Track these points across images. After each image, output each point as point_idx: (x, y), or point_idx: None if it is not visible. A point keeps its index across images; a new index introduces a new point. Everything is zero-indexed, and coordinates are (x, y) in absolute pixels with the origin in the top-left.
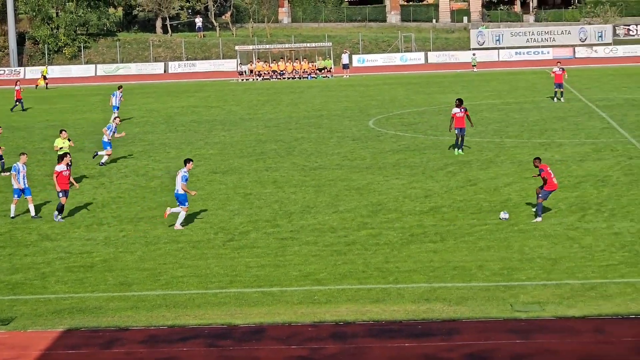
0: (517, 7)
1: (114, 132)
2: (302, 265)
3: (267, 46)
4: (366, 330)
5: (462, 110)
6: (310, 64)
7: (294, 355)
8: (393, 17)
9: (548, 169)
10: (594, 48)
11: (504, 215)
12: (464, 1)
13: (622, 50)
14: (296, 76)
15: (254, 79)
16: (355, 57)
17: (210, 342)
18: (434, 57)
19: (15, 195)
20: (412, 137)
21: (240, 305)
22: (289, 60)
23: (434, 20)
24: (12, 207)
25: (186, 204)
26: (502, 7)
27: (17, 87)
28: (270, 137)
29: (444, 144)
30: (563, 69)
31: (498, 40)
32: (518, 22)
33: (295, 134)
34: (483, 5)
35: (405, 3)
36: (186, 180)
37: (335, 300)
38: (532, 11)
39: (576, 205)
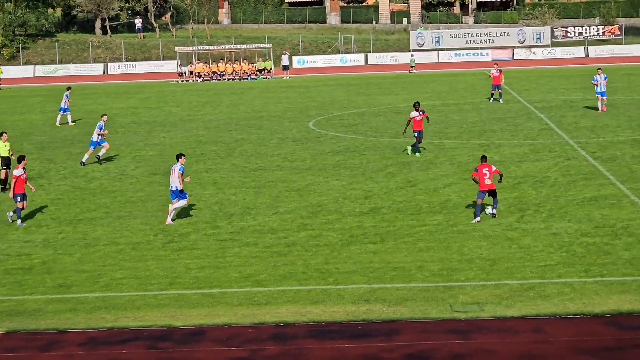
0: (457, 9)
1: (102, 130)
2: (242, 267)
3: (207, 47)
4: (306, 331)
5: (421, 113)
6: (250, 65)
7: (234, 356)
8: (333, 19)
9: (484, 169)
10: (533, 50)
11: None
12: (404, 3)
13: (560, 52)
14: (236, 77)
15: (194, 80)
16: (295, 59)
17: (150, 344)
18: (374, 58)
19: None
20: (352, 138)
21: (180, 307)
22: (229, 62)
23: (373, 22)
24: None
25: (187, 196)
26: (441, 9)
27: None
28: (210, 139)
29: (383, 145)
30: (500, 71)
31: (437, 41)
32: (457, 24)
33: (236, 135)
34: (423, 7)
35: (345, 4)
36: (183, 171)
37: (276, 302)
38: (472, 13)
39: (515, 206)
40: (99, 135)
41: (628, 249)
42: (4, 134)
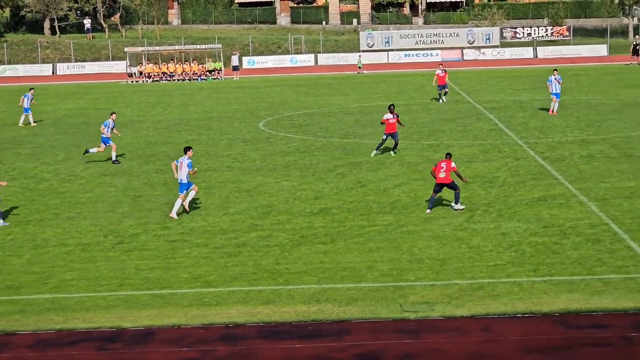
0: (406, 10)
1: (112, 128)
2: (193, 268)
3: (157, 48)
4: (257, 331)
5: (395, 116)
6: (200, 65)
7: (184, 357)
8: (283, 19)
9: (442, 164)
10: (482, 50)
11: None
12: (354, 3)
13: (509, 53)
14: (186, 78)
15: (143, 81)
16: (245, 59)
17: (100, 346)
18: (324, 59)
19: None
20: (302, 139)
21: (129, 308)
22: (179, 62)
23: (323, 23)
24: None
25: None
26: (391, 10)
27: None
28: (160, 139)
29: (333, 145)
30: (445, 71)
31: (387, 42)
32: (407, 25)
33: (186, 136)
34: (372, 8)
35: (295, 5)
36: (191, 166)
37: (226, 302)
38: (421, 13)
39: (464, 206)
40: (104, 131)
41: (576, 248)
42: None
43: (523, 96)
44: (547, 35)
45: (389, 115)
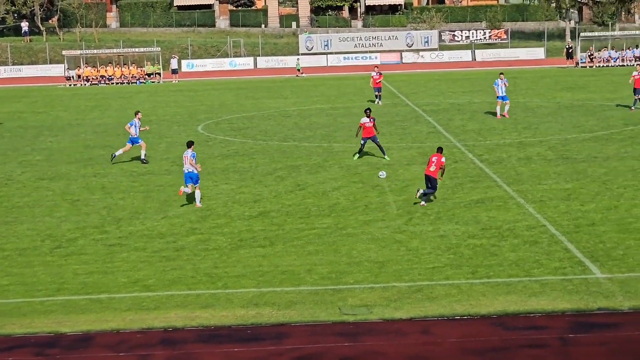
0: (345, 13)
1: (139, 127)
2: (131, 272)
3: (95, 51)
4: (195, 335)
5: (372, 120)
6: (139, 69)
7: None
8: (222, 22)
9: (433, 158)
10: (421, 53)
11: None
12: (293, 7)
13: (447, 56)
14: (125, 81)
15: (82, 84)
16: (184, 62)
17: (38, 351)
18: (263, 62)
19: None
20: (241, 142)
21: (67, 313)
22: (118, 65)
23: (263, 26)
24: None
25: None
26: (330, 13)
27: None
28: (99, 143)
29: (273, 149)
30: (381, 74)
31: (326, 45)
32: (346, 28)
33: (124, 140)
34: (312, 11)
35: (234, 8)
36: (194, 157)
37: (164, 306)
38: (360, 17)
39: (403, 208)
40: (130, 131)
41: (514, 250)
42: None
43: (461, 99)
44: (485, 38)
45: (365, 119)
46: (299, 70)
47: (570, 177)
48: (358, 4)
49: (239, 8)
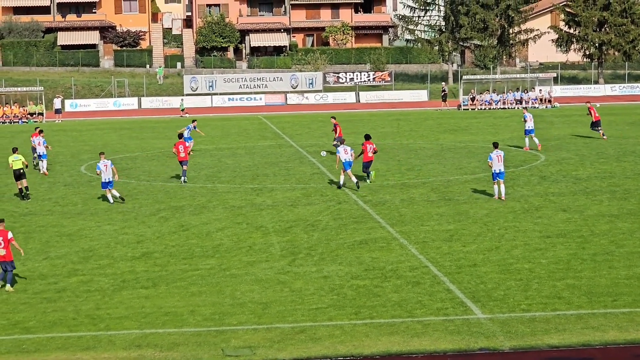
0: (230, 54)
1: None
2: (10, 314)
3: None
4: None
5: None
6: (21, 108)
7: None
8: (107, 62)
9: (368, 146)
10: (305, 95)
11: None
12: (178, 47)
13: (332, 97)
14: (7, 121)
15: None
16: (67, 102)
17: None
18: (148, 102)
19: None
20: (124, 182)
21: None
22: (0, 105)
23: (147, 66)
24: None
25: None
26: (215, 54)
27: None
28: None
29: (156, 189)
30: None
31: (211, 86)
32: (231, 69)
33: (6, 180)
34: (197, 52)
35: (119, 48)
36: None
37: (45, 349)
38: (245, 58)
39: (287, 249)
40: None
41: (397, 291)
42: None
43: (346, 140)
44: (369, 80)
45: (369, 146)
46: (182, 110)
47: (452, 218)
48: (243, 45)
49: (124, 48)
